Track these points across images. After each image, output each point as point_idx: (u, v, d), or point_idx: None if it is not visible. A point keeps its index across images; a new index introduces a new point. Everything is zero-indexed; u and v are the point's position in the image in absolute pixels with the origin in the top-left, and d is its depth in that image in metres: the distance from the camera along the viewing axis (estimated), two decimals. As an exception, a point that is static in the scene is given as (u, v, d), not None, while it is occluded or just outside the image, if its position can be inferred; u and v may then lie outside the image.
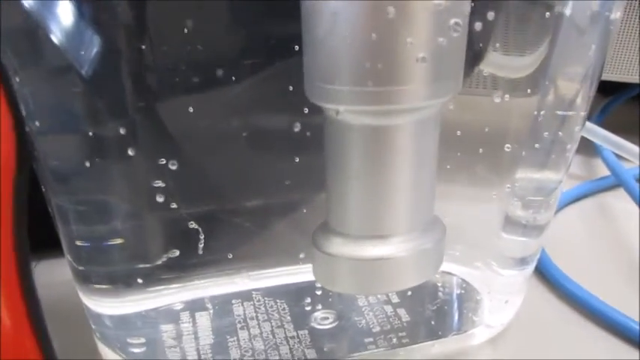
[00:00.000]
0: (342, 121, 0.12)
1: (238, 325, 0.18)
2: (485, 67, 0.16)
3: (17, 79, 0.14)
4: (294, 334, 0.18)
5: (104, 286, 0.18)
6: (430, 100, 0.12)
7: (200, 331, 0.18)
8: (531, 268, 0.19)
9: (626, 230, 0.25)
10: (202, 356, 0.17)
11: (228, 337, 0.18)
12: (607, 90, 0.36)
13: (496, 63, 0.16)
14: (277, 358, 0.17)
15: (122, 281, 0.18)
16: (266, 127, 0.18)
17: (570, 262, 0.21)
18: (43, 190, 0.16)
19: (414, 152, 0.12)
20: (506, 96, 0.16)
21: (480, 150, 0.17)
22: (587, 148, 0.29)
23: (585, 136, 0.27)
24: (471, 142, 0.17)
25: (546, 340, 0.19)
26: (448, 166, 0.18)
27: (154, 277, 0.18)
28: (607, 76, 0.31)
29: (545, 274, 0.21)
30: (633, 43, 0.30)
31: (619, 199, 0.27)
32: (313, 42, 0.11)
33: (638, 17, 0.29)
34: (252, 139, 0.17)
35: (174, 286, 0.19)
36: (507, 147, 0.17)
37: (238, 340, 0.18)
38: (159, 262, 0.18)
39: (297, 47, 0.12)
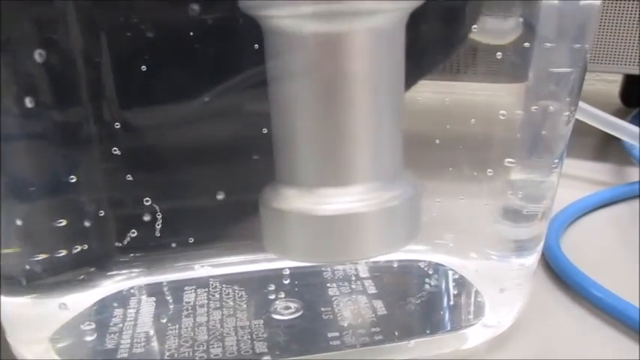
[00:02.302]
0: (283, 32, 0.10)
1: (184, 313, 0.16)
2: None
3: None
4: (247, 324, 0.15)
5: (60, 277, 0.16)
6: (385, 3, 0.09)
7: (141, 317, 0.16)
8: (531, 259, 0.16)
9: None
10: (135, 344, 0.14)
11: (169, 324, 0.15)
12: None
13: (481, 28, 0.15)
14: (220, 350, 0.14)
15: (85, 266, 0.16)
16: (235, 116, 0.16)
17: (596, 267, 0.18)
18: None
19: (369, 71, 0.10)
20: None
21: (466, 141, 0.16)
22: (621, 156, 0.26)
23: (615, 134, 0.24)
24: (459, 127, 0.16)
25: (556, 345, 0.15)
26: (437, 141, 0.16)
27: (114, 261, 0.17)
28: (607, 68, 0.27)
29: (556, 270, 0.18)
30: (633, 34, 0.27)
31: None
32: None
33: (638, 11, 0.26)
34: (220, 127, 0.16)
35: (134, 270, 0.17)
36: (499, 135, 0.15)
37: (180, 328, 0.15)
38: (119, 245, 0.16)
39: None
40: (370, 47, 0.10)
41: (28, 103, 0.13)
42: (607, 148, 0.30)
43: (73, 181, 0.15)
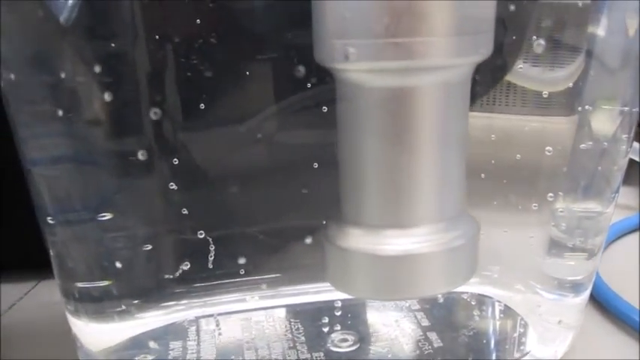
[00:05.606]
0: (355, 84, 0.10)
1: (245, 345, 0.16)
2: (514, 79, 0.15)
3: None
4: (308, 356, 0.16)
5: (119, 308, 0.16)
6: (456, 58, 0.10)
7: (203, 349, 0.16)
8: (584, 294, 0.16)
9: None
10: (202, 377, 0.15)
11: (232, 357, 0.16)
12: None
13: (526, 75, 0.15)
14: (286, 382, 0.15)
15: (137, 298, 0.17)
16: (290, 141, 0.16)
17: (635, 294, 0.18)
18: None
19: (439, 122, 0.11)
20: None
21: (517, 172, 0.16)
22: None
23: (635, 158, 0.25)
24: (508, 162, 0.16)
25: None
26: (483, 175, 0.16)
27: (167, 292, 0.17)
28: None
29: (603, 303, 0.18)
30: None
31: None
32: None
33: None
34: (274, 157, 0.16)
35: (185, 302, 0.17)
36: (546, 169, 0.15)
37: (244, 361, 0.16)
38: (172, 277, 0.16)
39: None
40: (439, 99, 0.11)
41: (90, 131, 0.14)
42: (629, 171, 0.30)
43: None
